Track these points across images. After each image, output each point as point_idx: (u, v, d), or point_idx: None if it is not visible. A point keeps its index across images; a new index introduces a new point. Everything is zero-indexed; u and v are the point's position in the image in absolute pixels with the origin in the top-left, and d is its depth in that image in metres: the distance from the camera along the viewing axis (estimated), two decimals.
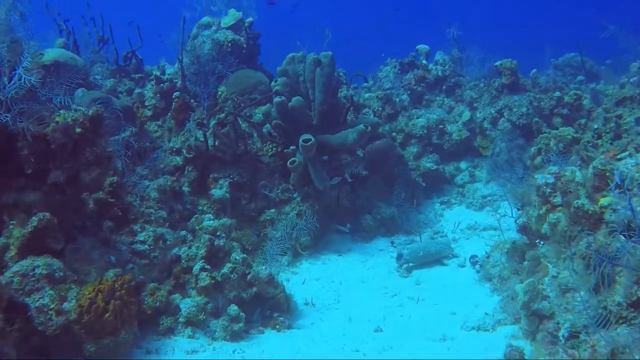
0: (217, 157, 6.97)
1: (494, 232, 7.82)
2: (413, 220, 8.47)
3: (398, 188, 8.25)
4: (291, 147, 6.89)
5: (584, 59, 15.71)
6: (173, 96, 7.28)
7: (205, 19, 9.43)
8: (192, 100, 7.85)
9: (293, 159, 6.66)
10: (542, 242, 4.61)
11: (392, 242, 7.58)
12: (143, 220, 6.16)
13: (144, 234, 5.91)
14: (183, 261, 5.21)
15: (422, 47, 10.92)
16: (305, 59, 7.25)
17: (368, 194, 8.08)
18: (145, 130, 7.56)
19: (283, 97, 6.68)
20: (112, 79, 8.64)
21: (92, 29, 10.13)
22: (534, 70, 10.60)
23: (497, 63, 9.91)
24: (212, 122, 6.97)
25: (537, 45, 23.96)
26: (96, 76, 8.70)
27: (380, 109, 9.87)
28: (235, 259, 5.01)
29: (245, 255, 5.12)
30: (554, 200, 4.46)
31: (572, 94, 9.03)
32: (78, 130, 4.66)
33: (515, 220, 5.44)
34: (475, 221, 8.33)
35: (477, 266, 6.47)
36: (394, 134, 9.42)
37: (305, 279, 6.47)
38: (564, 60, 16.37)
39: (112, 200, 5.96)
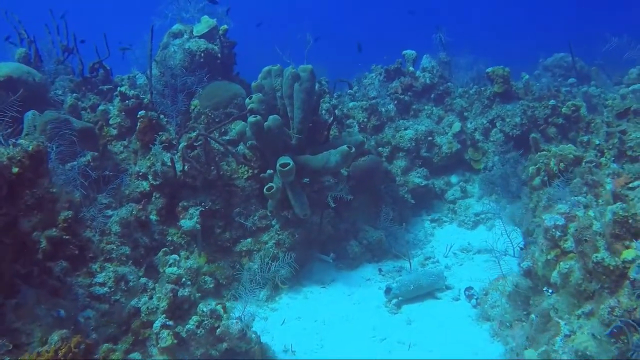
0: (187, 184, 6.34)
1: (488, 256, 7.26)
2: (402, 241, 7.90)
3: (385, 208, 7.66)
4: (268, 172, 6.28)
5: (572, 60, 15.29)
6: (138, 115, 6.63)
7: (177, 27, 8.77)
8: (163, 117, 7.22)
9: (270, 184, 6.05)
10: (550, 291, 4.05)
11: (380, 270, 7.00)
12: (103, 258, 5.53)
13: (103, 274, 5.31)
14: (143, 314, 4.58)
15: (409, 53, 10.34)
16: (283, 72, 6.63)
17: (353, 216, 7.50)
18: (108, 152, 6.91)
19: (258, 117, 6.06)
20: (74, 95, 7.95)
21: (55, 38, 9.45)
22: (527, 76, 10.06)
23: (489, 70, 9.36)
24: (182, 144, 6.34)
25: (524, 44, 23.55)
26: (57, 91, 8.01)
27: (365, 120, 9.29)
28: (203, 311, 4.39)
29: (213, 305, 4.49)
30: (565, 245, 3.90)
31: (569, 105, 8.49)
32: (15, 170, 4.02)
33: (519, 264, 4.86)
34: (469, 242, 7.78)
35: (473, 300, 5.92)
36: (380, 149, 8.83)
37: (284, 319, 5.87)
38: (553, 60, 15.95)
39: (67, 237, 5.34)
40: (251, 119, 6.06)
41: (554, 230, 3.98)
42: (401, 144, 8.92)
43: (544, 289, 4.10)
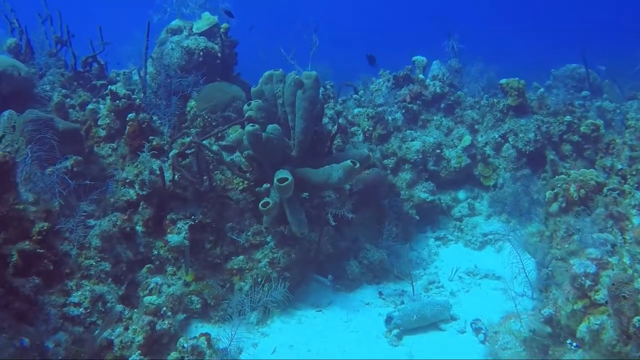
0: (177, 194, 5.87)
1: (497, 283, 6.82)
2: (404, 259, 7.42)
3: (388, 225, 7.19)
4: (265, 186, 5.80)
5: (587, 71, 14.81)
6: (127, 118, 6.16)
7: (176, 23, 8.29)
8: (156, 118, 6.75)
9: (266, 199, 5.58)
10: (574, 345, 3.58)
11: (381, 293, 6.54)
12: (80, 275, 5.11)
13: (79, 293, 4.89)
14: (116, 348, 4.12)
15: (419, 59, 9.86)
16: (285, 78, 6.15)
17: (354, 233, 7.04)
18: (95, 155, 6.44)
19: (256, 126, 5.59)
20: (62, 91, 7.47)
21: (49, 29, 8.97)
22: (541, 89, 9.58)
23: (503, 82, 8.86)
24: (173, 152, 5.87)
25: (535, 50, 23.06)
26: (45, 87, 7.53)
27: (370, 128, 8.82)
28: (183, 347, 3.94)
29: (195, 340, 4.03)
30: (596, 296, 3.44)
31: (589, 124, 8.00)
32: None
33: (540, 310, 4.39)
34: (475, 265, 7.32)
35: (481, 335, 5.46)
36: (385, 161, 8.36)
37: (275, 347, 5.41)
38: (565, 71, 15.44)
39: (41, 251, 4.89)
40: (248, 127, 5.58)
41: (583, 278, 3.52)
42: (407, 155, 8.45)
43: (568, 342, 3.64)
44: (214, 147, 7.03)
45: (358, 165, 5.65)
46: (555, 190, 5.87)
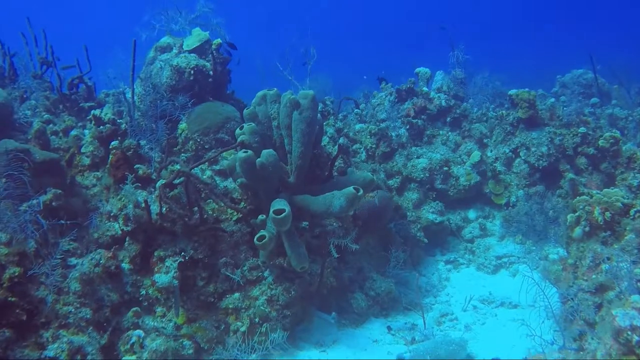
0: (165, 229, 5.39)
1: (515, 313, 6.31)
2: (413, 286, 6.95)
3: (395, 251, 6.71)
4: (260, 217, 5.32)
5: (595, 77, 14.37)
6: (110, 146, 5.70)
7: (165, 40, 7.85)
8: (144, 143, 6.30)
9: (262, 232, 5.09)
10: None
11: (390, 328, 6.03)
12: (57, 324, 4.62)
13: (56, 345, 4.44)
14: None
15: (423, 71, 9.40)
16: (281, 98, 5.69)
17: (359, 261, 6.55)
18: (77, 186, 5.97)
19: (249, 152, 5.12)
20: (45, 116, 7.02)
21: (33, 50, 8.54)
22: (552, 99, 9.12)
23: (512, 93, 8.39)
24: (159, 182, 5.40)
25: (540, 58, 22.65)
26: (26, 112, 7.08)
27: (374, 146, 8.34)
28: None
29: None
30: None
31: (607, 137, 7.51)
32: None
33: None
34: (490, 291, 6.82)
35: None
36: (390, 182, 7.88)
37: None
38: (571, 77, 14.98)
39: (13, 299, 4.44)
40: (241, 154, 5.11)
41: (629, 332, 3.02)
42: (413, 174, 7.98)
43: None
44: (207, 173, 6.58)
45: (361, 192, 5.16)
46: (577, 214, 5.37)
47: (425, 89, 9.07)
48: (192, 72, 7.30)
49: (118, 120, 6.38)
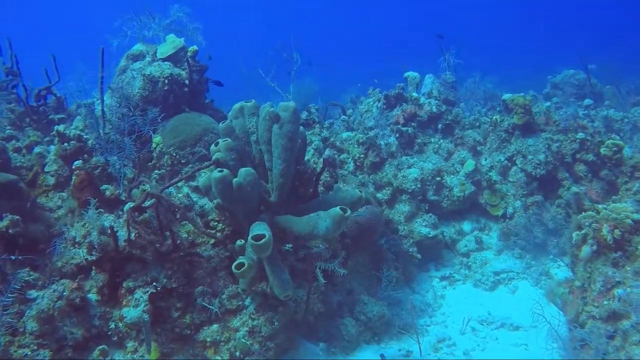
0: (134, 256, 4.90)
1: (516, 334, 5.89)
2: (407, 305, 6.52)
3: (387, 269, 6.28)
4: (238, 243, 4.85)
5: (588, 78, 14.06)
6: (73, 166, 5.20)
7: (137, 48, 7.36)
8: (114, 159, 5.81)
9: (240, 260, 4.62)
10: None
11: (382, 356, 5.57)
12: None
13: None
14: None
15: (412, 75, 8.98)
16: (259, 110, 5.22)
17: (348, 283, 6.10)
18: (39, 210, 5.46)
19: (225, 172, 4.65)
20: (7, 131, 6.53)
21: None
22: (547, 104, 8.72)
23: (507, 97, 7.97)
24: (127, 205, 4.91)
25: (530, 58, 22.34)
26: None
27: (362, 156, 7.89)
28: None
29: None
30: None
31: (610, 145, 7.09)
32: None
33: None
34: (489, 311, 6.40)
35: None
36: (379, 195, 7.44)
37: None
38: (563, 78, 14.65)
39: None
40: (215, 174, 4.64)
41: None
42: (404, 185, 7.53)
43: None
44: (184, 190, 6.12)
45: (349, 212, 4.70)
46: (583, 231, 4.96)
47: (414, 94, 8.64)
48: (166, 81, 6.84)
49: (84, 136, 5.88)
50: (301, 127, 5.30)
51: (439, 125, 8.47)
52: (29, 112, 7.42)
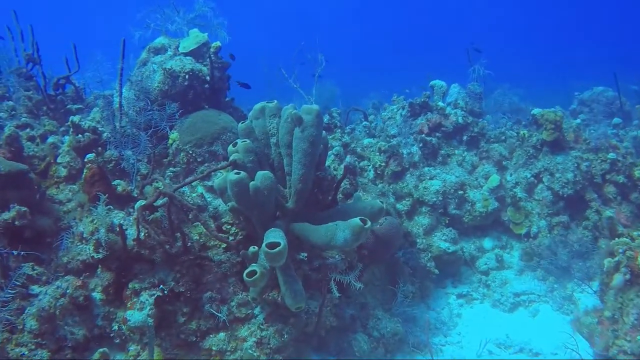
0: (143, 256, 4.71)
1: None
2: (421, 321, 6.27)
3: (403, 284, 6.04)
4: (251, 249, 4.63)
5: (619, 96, 13.68)
6: (85, 159, 5.02)
7: (159, 41, 7.18)
8: (130, 154, 5.64)
9: (252, 267, 4.40)
10: None
11: None
12: None
13: None
14: None
15: (439, 84, 8.71)
16: (281, 112, 5.00)
17: (362, 296, 5.84)
18: (48, 202, 5.30)
19: (242, 174, 4.44)
20: (22, 119, 6.38)
21: (19, 45, 7.89)
22: (577, 121, 8.40)
23: (536, 112, 7.68)
24: (139, 203, 4.72)
25: (557, 74, 21.93)
26: (1, 114, 6.43)
27: (383, 164, 7.65)
28: None
29: None
30: None
31: None
32: None
33: None
34: (507, 334, 6.11)
35: None
36: (399, 205, 7.18)
37: None
38: (591, 95, 14.26)
39: None
40: (232, 176, 4.43)
41: None
42: (425, 197, 7.28)
43: None
44: (199, 189, 5.91)
45: (369, 224, 4.45)
46: (616, 259, 4.67)
47: (440, 103, 8.38)
48: (186, 76, 6.65)
49: (99, 129, 5.71)
50: (323, 132, 5.07)
51: (464, 137, 8.20)
52: (47, 100, 7.28)
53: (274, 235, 4.43)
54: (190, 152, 6.28)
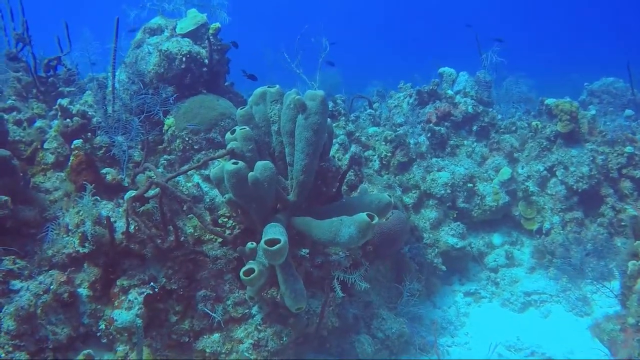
0: (132, 251, 4.38)
1: None
2: (426, 320, 5.98)
3: (409, 282, 5.72)
4: (249, 245, 4.29)
5: (631, 87, 13.29)
6: (72, 145, 4.68)
7: (156, 21, 6.81)
8: (121, 139, 5.29)
9: (250, 265, 4.07)
10: None
11: None
12: None
13: None
14: None
15: (448, 71, 8.35)
16: (284, 98, 4.65)
17: (366, 294, 5.52)
18: (33, 191, 4.96)
19: (240, 164, 4.10)
20: (9, 101, 6.03)
21: (8, 24, 7.51)
22: (593, 111, 8.03)
23: (550, 102, 7.33)
24: (128, 194, 4.38)
25: (567, 64, 21.51)
26: None
27: (389, 154, 7.30)
28: None
29: None
30: None
31: None
32: None
33: None
34: (518, 337, 5.80)
35: None
36: (405, 198, 6.85)
37: None
38: (601, 85, 13.85)
39: None
40: (229, 166, 4.09)
41: None
42: (433, 189, 6.95)
43: None
44: (195, 178, 5.57)
45: (376, 219, 4.12)
46: None
47: (449, 91, 8.02)
48: (183, 59, 6.28)
49: (89, 113, 5.36)
50: (328, 120, 4.72)
51: (474, 127, 7.84)
52: (36, 82, 6.91)
53: (274, 231, 4.10)
54: (187, 139, 5.94)
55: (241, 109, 4.79)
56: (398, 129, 7.58)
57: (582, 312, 6.05)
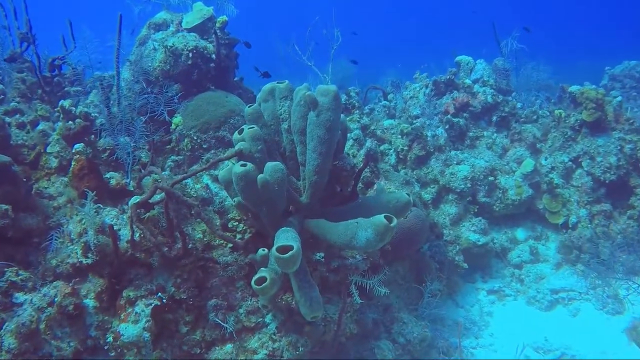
0: (138, 260, 4.17)
1: None
2: (448, 321, 5.72)
3: (430, 283, 5.47)
4: (260, 252, 4.06)
5: None
6: (73, 149, 4.47)
7: (161, 16, 6.58)
8: (125, 140, 5.08)
9: (262, 273, 3.84)
10: None
11: None
12: None
13: None
14: None
15: (465, 60, 8.03)
16: (294, 93, 4.39)
17: (385, 297, 5.27)
18: (35, 198, 4.76)
19: (249, 166, 3.86)
20: (12, 104, 5.84)
21: (12, 23, 7.33)
22: (619, 98, 7.67)
23: (574, 90, 7.00)
24: (133, 200, 4.17)
25: (587, 45, 20.96)
26: None
27: (406, 148, 7.03)
28: None
29: None
30: None
31: None
32: None
33: None
34: (545, 337, 5.53)
35: None
36: (424, 194, 6.58)
37: None
38: (623, 69, 13.38)
39: None
40: (237, 169, 3.85)
41: None
42: (452, 183, 6.67)
43: None
44: (205, 179, 5.34)
45: (395, 222, 3.85)
46: None
47: (467, 81, 7.70)
48: (190, 54, 6.06)
49: (93, 114, 5.15)
50: (342, 116, 4.46)
51: (494, 118, 7.52)
52: (41, 83, 6.72)
53: (286, 236, 3.86)
54: (195, 137, 5.73)
55: (249, 106, 4.54)
56: (414, 121, 7.29)
57: (613, 310, 5.76)
